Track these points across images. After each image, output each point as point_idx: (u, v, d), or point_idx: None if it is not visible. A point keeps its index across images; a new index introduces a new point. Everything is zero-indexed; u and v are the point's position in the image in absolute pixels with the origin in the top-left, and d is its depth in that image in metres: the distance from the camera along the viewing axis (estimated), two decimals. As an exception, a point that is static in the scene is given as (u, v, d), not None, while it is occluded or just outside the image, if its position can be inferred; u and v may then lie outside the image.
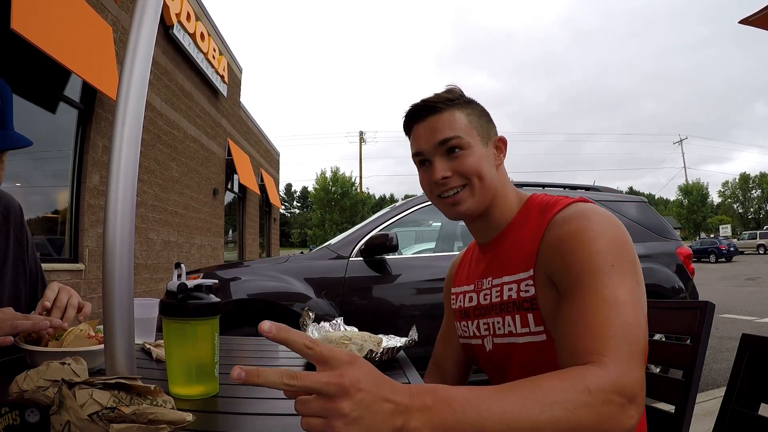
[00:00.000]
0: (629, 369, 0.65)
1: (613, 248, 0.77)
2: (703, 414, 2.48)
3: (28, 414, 0.56)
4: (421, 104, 0.97)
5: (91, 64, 4.75)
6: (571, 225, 0.81)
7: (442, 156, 0.94)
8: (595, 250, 0.77)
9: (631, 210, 3.65)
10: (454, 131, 0.93)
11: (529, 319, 0.86)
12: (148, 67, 0.73)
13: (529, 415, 0.55)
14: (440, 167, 0.93)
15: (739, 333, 0.97)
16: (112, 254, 0.68)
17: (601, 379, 0.62)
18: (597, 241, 0.78)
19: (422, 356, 1.21)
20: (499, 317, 0.93)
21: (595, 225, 0.80)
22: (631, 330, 0.69)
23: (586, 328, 0.70)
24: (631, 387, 0.63)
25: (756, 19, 2.98)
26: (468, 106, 0.97)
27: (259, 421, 0.68)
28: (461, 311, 1.05)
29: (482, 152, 0.94)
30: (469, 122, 0.95)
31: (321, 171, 51.24)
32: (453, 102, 0.95)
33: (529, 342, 0.87)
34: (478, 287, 1.00)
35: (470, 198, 0.94)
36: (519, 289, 0.88)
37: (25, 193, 4.93)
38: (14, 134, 1.04)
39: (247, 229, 13.23)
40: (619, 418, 0.61)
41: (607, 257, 0.76)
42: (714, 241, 27.57)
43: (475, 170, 0.92)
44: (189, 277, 0.91)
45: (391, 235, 2.89)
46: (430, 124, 0.95)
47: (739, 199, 58.93)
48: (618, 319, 0.70)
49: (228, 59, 10.47)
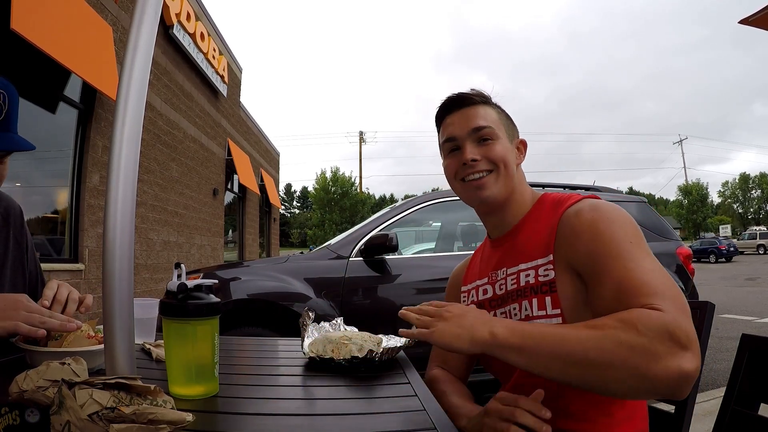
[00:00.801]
0: (684, 317, 0.69)
1: (628, 229, 0.84)
2: (703, 414, 2.48)
3: (28, 414, 0.56)
4: (458, 96, 1.04)
5: (91, 64, 4.75)
6: (587, 216, 0.87)
7: (473, 142, 1.00)
8: (612, 234, 0.83)
9: (632, 210, 3.65)
10: (487, 122, 1.00)
11: (546, 302, 0.88)
12: (148, 67, 0.73)
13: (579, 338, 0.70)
14: (471, 150, 0.99)
15: (739, 333, 0.97)
16: (112, 254, 0.68)
17: (652, 320, 0.67)
18: (612, 226, 0.84)
19: (422, 356, 1.20)
20: (516, 303, 0.95)
21: (608, 213, 0.87)
22: (674, 288, 0.74)
23: (630, 290, 0.74)
24: (686, 332, 0.67)
25: (756, 19, 2.97)
26: (498, 107, 1.06)
27: (259, 421, 0.68)
28: (475, 305, 1.06)
29: (508, 146, 1.02)
30: (499, 119, 1.03)
31: (321, 171, 51.30)
32: (486, 99, 1.04)
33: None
34: (492, 279, 1.03)
35: (494, 184, 0.99)
36: (537, 274, 0.91)
37: (25, 193, 4.93)
38: (17, 138, 1.04)
39: (247, 229, 13.22)
40: (668, 359, 0.65)
41: (624, 237, 0.82)
42: (714, 241, 27.56)
43: (503, 158, 0.99)
44: (189, 277, 0.92)
45: (391, 235, 2.89)
46: (466, 113, 1.02)
47: (739, 199, 58.94)
48: (658, 280, 0.74)
49: (228, 59, 10.47)
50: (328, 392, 0.85)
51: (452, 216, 3.57)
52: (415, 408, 0.74)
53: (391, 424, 0.68)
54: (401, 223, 3.28)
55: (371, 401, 0.82)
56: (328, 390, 0.86)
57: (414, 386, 0.86)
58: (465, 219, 3.61)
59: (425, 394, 0.81)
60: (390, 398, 0.81)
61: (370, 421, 0.69)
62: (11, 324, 0.84)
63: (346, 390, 0.85)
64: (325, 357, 0.98)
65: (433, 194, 3.43)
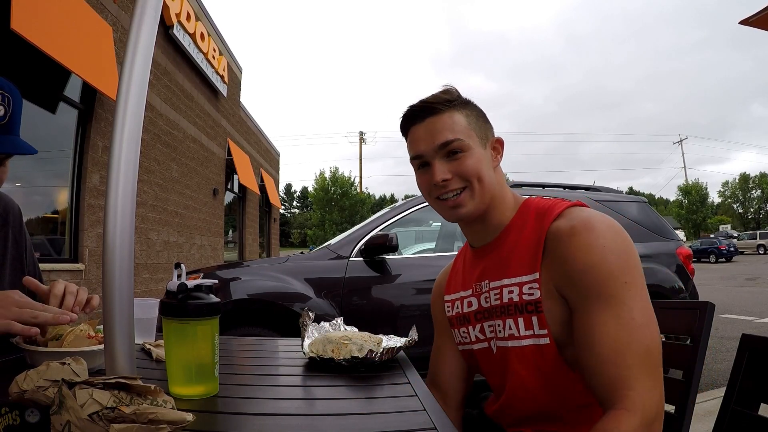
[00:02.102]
0: (652, 392, 0.75)
1: (623, 264, 0.80)
2: (703, 414, 2.48)
3: (28, 414, 0.56)
4: (420, 105, 0.95)
5: (91, 64, 4.75)
6: (579, 240, 0.82)
7: (442, 158, 0.93)
8: (607, 270, 0.79)
9: (632, 210, 3.65)
10: (455, 134, 0.91)
11: (533, 321, 0.86)
12: (148, 67, 0.73)
13: None
14: (440, 169, 0.92)
15: (739, 333, 0.97)
16: (112, 254, 0.68)
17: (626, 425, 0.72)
18: (607, 258, 0.80)
19: (422, 356, 1.20)
20: (500, 320, 0.92)
21: (601, 239, 0.81)
22: (650, 351, 0.77)
23: (609, 354, 0.77)
24: (656, 408, 0.75)
25: (756, 20, 2.97)
26: (466, 107, 0.96)
27: (259, 421, 0.68)
28: (459, 317, 1.04)
29: (481, 154, 0.93)
30: (468, 124, 0.94)
31: (321, 171, 51.29)
32: (452, 103, 0.94)
33: (532, 345, 0.87)
34: (477, 291, 0.99)
35: (470, 201, 0.93)
36: (521, 292, 0.87)
37: (25, 193, 4.93)
38: (20, 141, 1.04)
39: (247, 229, 13.22)
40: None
41: (619, 276, 0.79)
42: (714, 241, 27.55)
43: (475, 172, 0.92)
44: (189, 277, 0.91)
45: (391, 235, 2.89)
46: (430, 125, 0.93)
47: (739, 200, 58.90)
48: (639, 344, 0.76)
49: (228, 59, 10.47)
50: (328, 392, 0.85)
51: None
52: (415, 408, 0.74)
53: (391, 424, 0.68)
54: (401, 223, 3.28)
55: (371, 401, 0.82)
56: (328, 390, 0.86)
57: (414, 386, 0.86)
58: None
59: (425, 394, 0.81)
60: (390, 398, 0.81)
61: (370, 421, 0.69)
62: (3, 323, 0.83)
63: (346, 390, 0.85)
64: (325, 357, 0.97)
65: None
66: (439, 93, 0.96)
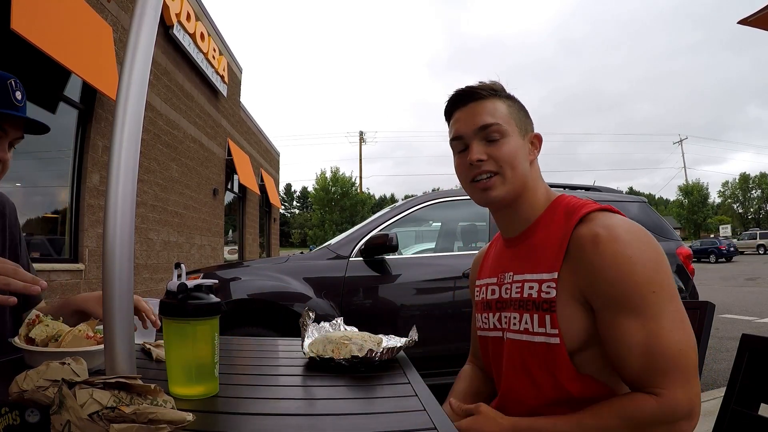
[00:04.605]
0: (684, 391, 0.78)
1: (651, 273, 0.81)
2: (703, 414, 2.47)
3: (28, 414, 0.56)
4: (465, 90, 0.99)
5: (91, 64, 4.75)
6: (604, 249, 0.82)
7: (480, 141, 0.96)
8: (633, 282, 0.80)
9: (632, 210, 3.64)
10: (495, 118, 0.95)
11: (546, 320, 0.87)
12: (148, 67, 0.73)
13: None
14: (477, 150, 0.95)
15: (739, 333, 0.97)
16: (112, 254, 0.68)
17: (649, 411, 0.77)
18: (634, 270, 0.80)
19: (422, 356, 1.21)
20: (517, 313, 0.94)
21: (629, 250, 0.82)
22: (682, 354, 0.78)
23: (638, 361, 0.80)
24: (688, 406, 0.78)
25: (755, 20, 2.97)
26: (510, 99, 1.00)
27: (259, 421, 0.68)
28: (484, 303, 1.06)
29: (519, 143, 0.96)
30: (509, 113, 0.97)
31: (321, 171, 51.28)
32: (496, 92, 0.98)
33: (543, 342, 0.88)
34: (500, 281, 1.01)
35: (501, 186, 0.95)
36: (540, 290, 0.89)
37: (25, 193, 4.93)
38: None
39: (247, 229, 13.22)
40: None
41: (646, 286, 0.80)
42: (714, 241, 27.55)
43: (510, 159, 0.94)
44: (189, 277, 0.91)
45: (391, 235, 2.88)
46: (472, 109, 0.97)
47: (739, 200, 58.91)
48: (669, 349, 0.78)
49: (228, 59, 10.47)
50: (328, 392, 0.85)
51: (452, 216, 3.57)
52: (415, 408, 0.74)
53: (391, 424, 0.68)
54: (401, 223, 3.28)
55: (371, 401, 0.82)
56: (328, 390, 0.86)
57: (414, 386, 0.86)
58: (465, 219, 3.61)
59: (425, 394, 0.81)
60: (390, 398, 0.81)
61: (370, 421, 0.69)
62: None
63: (346, 390, 0.85)
64: (325, 357, 0.97)
65: (433, 194, 3.43)
66: (485, 83, 1.00)
